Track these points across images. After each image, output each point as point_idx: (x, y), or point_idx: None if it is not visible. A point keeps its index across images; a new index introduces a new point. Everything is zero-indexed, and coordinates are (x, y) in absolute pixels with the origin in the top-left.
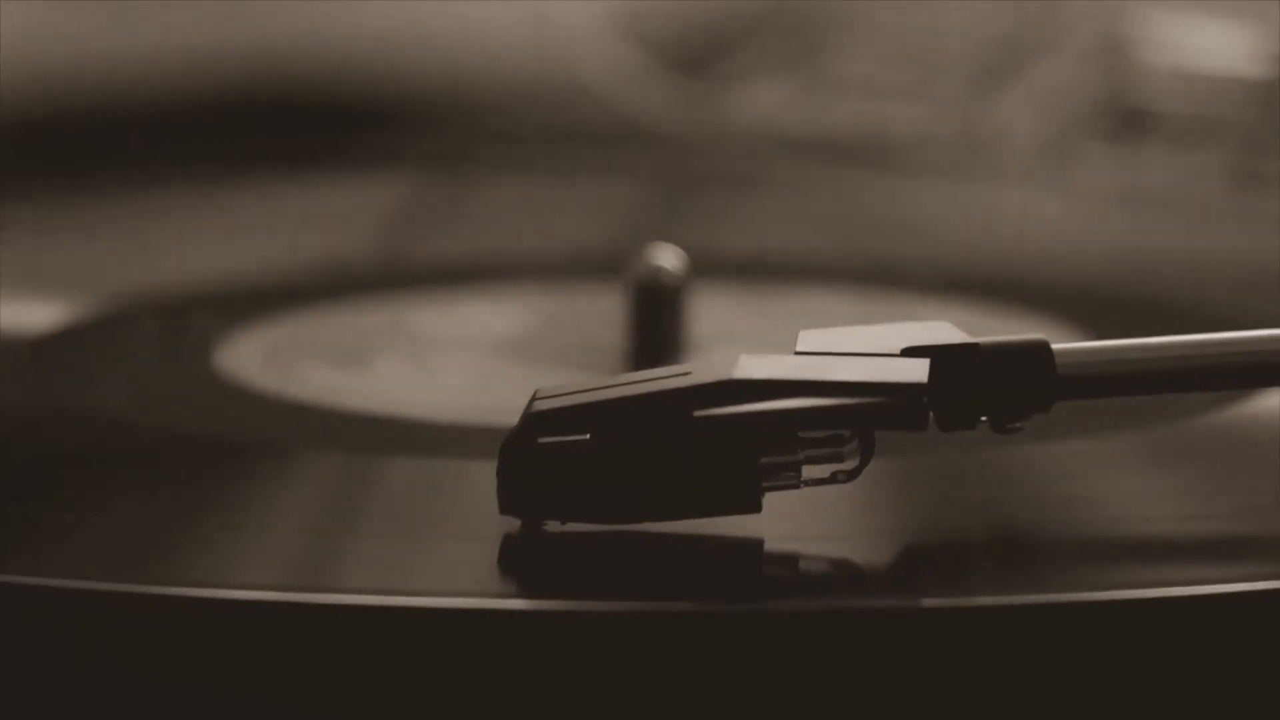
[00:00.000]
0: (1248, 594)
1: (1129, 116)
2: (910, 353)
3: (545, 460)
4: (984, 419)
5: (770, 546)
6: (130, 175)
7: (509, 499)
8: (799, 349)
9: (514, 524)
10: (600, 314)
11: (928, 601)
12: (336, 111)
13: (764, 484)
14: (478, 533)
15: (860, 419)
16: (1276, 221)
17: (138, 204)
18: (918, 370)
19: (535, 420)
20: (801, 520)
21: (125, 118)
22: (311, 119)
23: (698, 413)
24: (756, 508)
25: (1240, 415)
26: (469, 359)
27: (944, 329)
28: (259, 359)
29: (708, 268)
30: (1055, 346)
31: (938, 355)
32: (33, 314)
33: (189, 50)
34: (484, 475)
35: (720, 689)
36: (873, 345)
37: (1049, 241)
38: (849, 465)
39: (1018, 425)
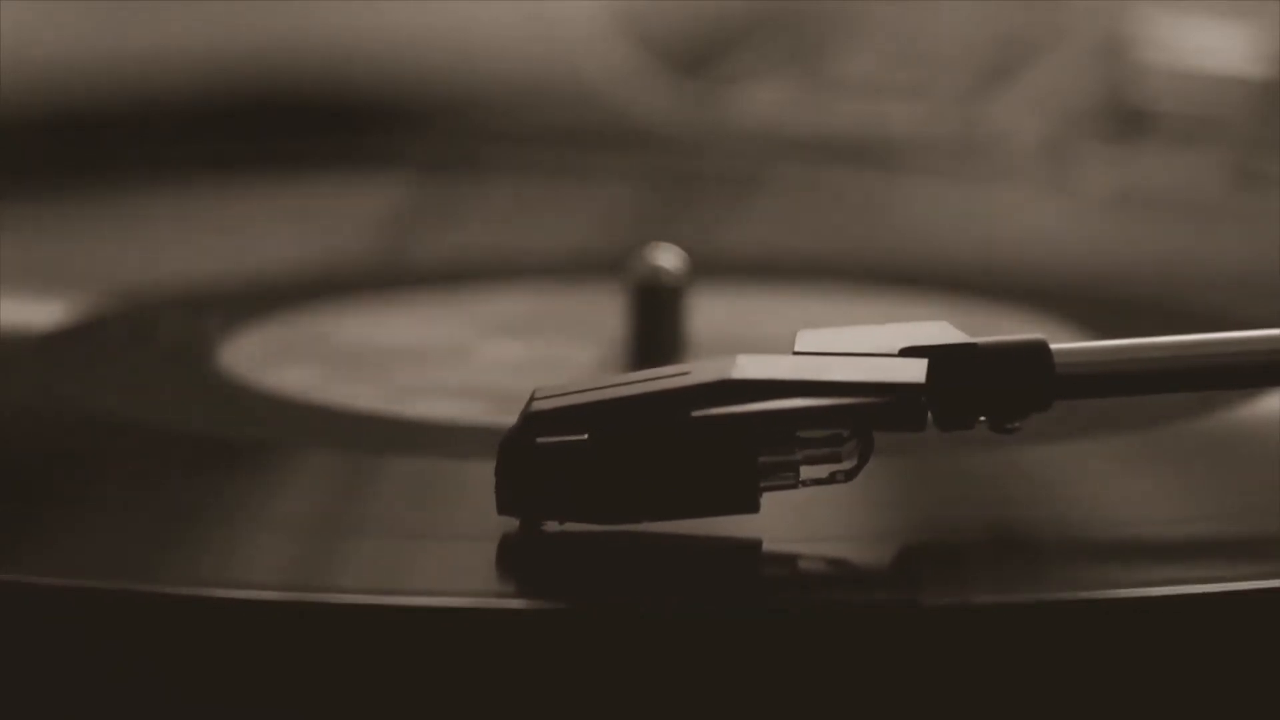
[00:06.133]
0: (1246, 593)
1: (1129, 116)
2: (909, 353)
3: (544, 460)
4: (983, 419)
5: (768, 547)
6: (130, 175)
7: (507, 499)
8: (797, 349)
9: (512, 524)
10: (600, 314)
11: (926, 601)
12: (336, 112)
13: (762, 484)
14: (476, 533)
15: (858, 419)
16: (1276, 221)
17: (138, 204)
18: (916, 370)
19: (534, 420)
20: (800, 520)
21: (124, 117)
22: (311, 119)
23: (696, 413)
24: (755, 508)
25: (1240, 416)
26: (468, 359)
27: (943, 329)
28: (259, 359)
29: (708, 268)
30: (1054, 346)
31: (936, 355)
32: (33, 313)
33: (189, 50)
34: (483, 475)
35: (718, 689)
36: (871, 345)
37: (1049, 241)
38: (847, 465)
39: (1016, 425)
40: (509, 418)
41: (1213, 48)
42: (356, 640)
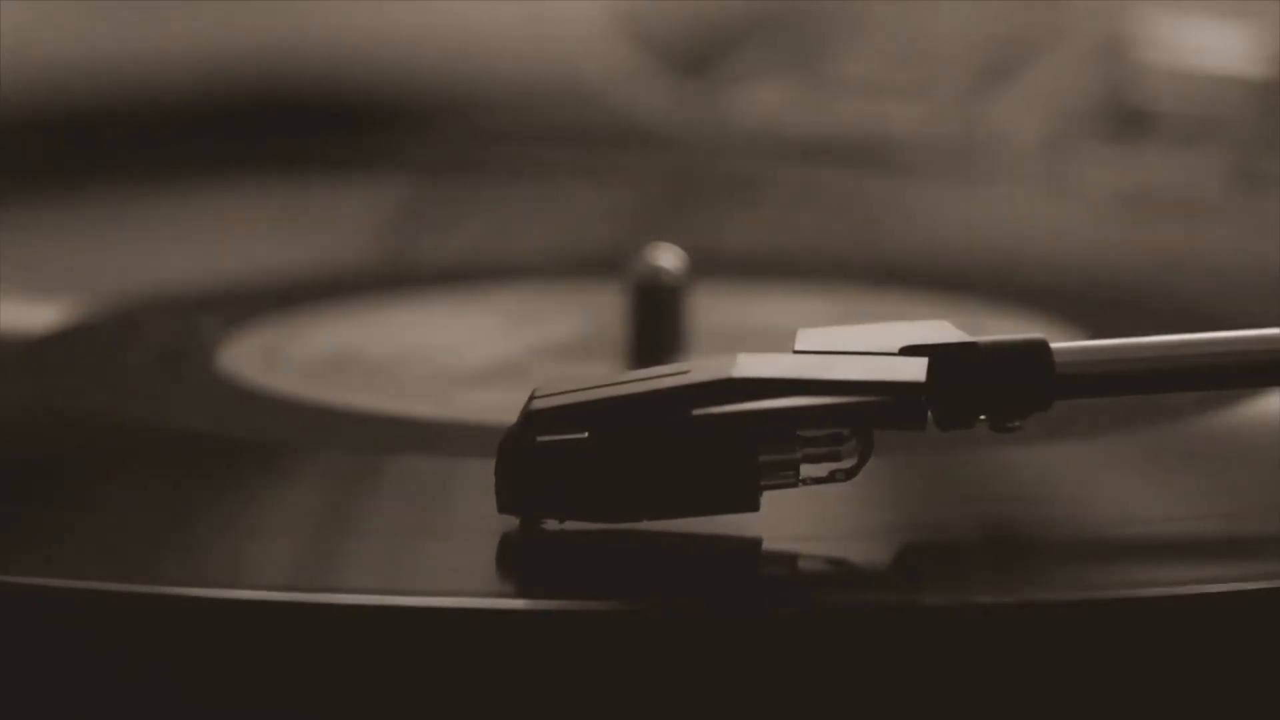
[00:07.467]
0: (1246, 593)
1: (1129, 116)
2: (909, 352)
3: (544, 459)
4: (983, 418)
5: (769, 545)
6: (130, 175)
7: (507, 498)
8: (797, 348)
9: (512, 523)
10: (600, 314)
11: (926, 600)
12: (336, 112)
13: (762, 483)
14: (476, 532)
15: (859, 418)
16: (1276, 221)
17: (138, 204)
18: (916, 369)
19: (534, 418)
20: (800, 519)
21: (124, 117)
22: (311, 120)
23: (696, 411)
24: (755, 506)
25: (1239, 415)
26: (468, 359)
27: (943, 328)
28: (259, 359)
29: (708, 268)
30: (1054, 346)
31: (936, 354)
32: (33, 314)
33: (189, 50)
34: (483, 475)
35: (719, 688)
36: (871, 344)
37: (1049, 241)
38: (847, 464)
39: (1016, 424)
40: (509, 417)
41: (1213, 48)
42: (357, 640)
